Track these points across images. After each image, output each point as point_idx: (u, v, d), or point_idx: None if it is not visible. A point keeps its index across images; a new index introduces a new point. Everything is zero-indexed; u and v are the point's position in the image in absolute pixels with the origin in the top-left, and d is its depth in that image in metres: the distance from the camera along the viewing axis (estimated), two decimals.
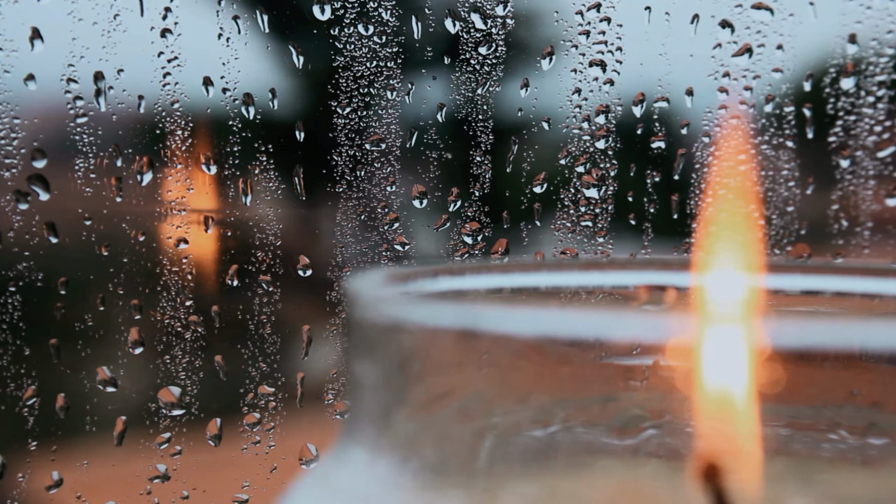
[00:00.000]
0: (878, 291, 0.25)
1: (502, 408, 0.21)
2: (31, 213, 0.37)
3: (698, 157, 0.41)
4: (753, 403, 0.19)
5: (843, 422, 0.22)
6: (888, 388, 0.22)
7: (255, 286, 0.41)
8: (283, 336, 0.41)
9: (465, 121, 0.41)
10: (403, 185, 0.41)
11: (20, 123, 0.37)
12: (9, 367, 0.38)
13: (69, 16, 0.37)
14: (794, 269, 0.26)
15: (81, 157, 0.38)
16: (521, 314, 0.18)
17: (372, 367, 0.20)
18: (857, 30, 0.39)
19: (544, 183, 0.41)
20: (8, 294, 0.38)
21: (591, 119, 0.41)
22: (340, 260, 0.41)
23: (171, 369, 0.40)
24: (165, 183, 0.40)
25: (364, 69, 0.40)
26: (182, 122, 0.39)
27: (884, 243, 0.40)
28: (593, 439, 0.22)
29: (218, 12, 0.39)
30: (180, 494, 0.41)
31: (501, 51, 0.40)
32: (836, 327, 0.17)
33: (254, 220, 0.41)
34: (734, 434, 0.19)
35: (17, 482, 0.39)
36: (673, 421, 0.21)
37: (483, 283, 0.25)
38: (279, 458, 0.42)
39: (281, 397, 0.41)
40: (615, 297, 0.27)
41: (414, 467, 0.19)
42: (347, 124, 0.40)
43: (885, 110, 0.39)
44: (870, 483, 0.21)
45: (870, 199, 0.40)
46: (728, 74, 0.40)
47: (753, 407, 0.19)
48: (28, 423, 0.39)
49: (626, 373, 0.20)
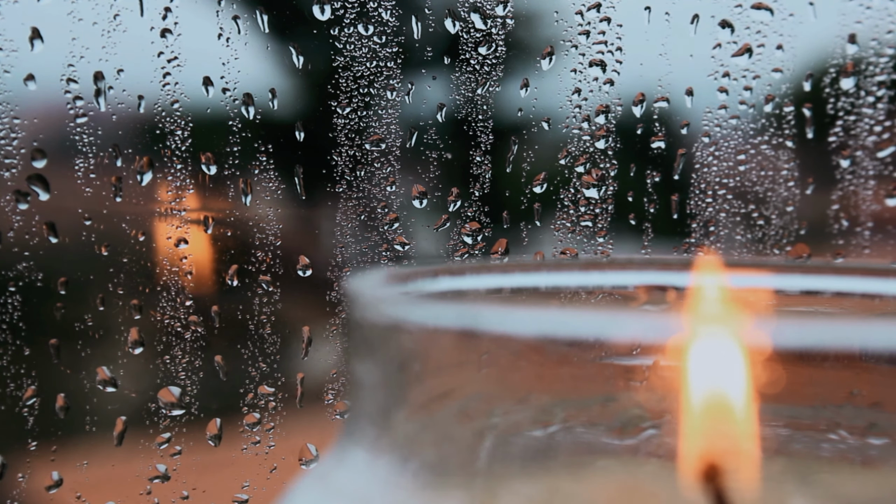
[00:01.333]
0: (878, 291, 0.25)
1: (502, 408, 0.21)
2: (31, 213, 0.37)
3: (698, 157, 0.41)
4: (753, 403, 0.19)
5: (843, 422, 0.22)
6: (888, 388, 0.22)
7: (255, 286, 0.41)
8: (283, 336, 0.41)
9: (465, 121, 0.41)
10: (403, 185, 0.41)
11: (20, 123, 0.37)
12: (9, 367, 0.38)
13: (69, 16, 0.37)
14: (794, 270, 0.26)
15: (81, 157, 0.38)
16: (521, 314, 0.18)
17: (372, 368, 0.20)
18: (857, 30, 0.39)
19: (544, 183, 0.41)
20: (8, 294, 0.38)
21: (591, 119, 0.41)
22: (340, 260, 0.41)
23: (171, 369, 0.40)
24: (165, 183, 0.40)
25: (364, 69, 0.40)
26: (182, 122, 0.39)
27: (884, 243, 0.40)
28: (593, 439, 0.22)
29: (218, 12, 0.39)
30: (180, 494, 0.41)
31: (501, 51, 0.40)
32: (836, 327, 0.17)
33: (254, 220, 0.41)
34: (734, 434, 0.19)
35: (17, 482, 0.39)
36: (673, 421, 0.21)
37: (483, 283, 0.25)
38: (279, 459, 0.42)
39: (281, 397, 0.41)
40: (615, 297, 0.27)
41: (414, 467, 0.19)
42: (347, 124, 0.40)
43: (885, 110, 0.39)
44: (870, 483, 0.21)
45: (870, 199, 0.40)
46: (728, 74, 0.40)
47: (753, 407, 0.19)
48: (28, 423, 0.39)
49: (625, 373, 0.20)
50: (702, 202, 0.41)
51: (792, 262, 0.38)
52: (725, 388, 0.18)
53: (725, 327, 0.17)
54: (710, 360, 0.18)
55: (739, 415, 0.19)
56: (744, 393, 0.18)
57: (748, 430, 0.19)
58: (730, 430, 0.19)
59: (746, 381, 0.18)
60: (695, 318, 0.17)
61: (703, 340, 0.17)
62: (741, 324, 0.17)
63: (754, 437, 0.19)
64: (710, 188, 0.41)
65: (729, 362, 0.18)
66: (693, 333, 0.17)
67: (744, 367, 0.18)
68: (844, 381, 0.22)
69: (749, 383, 0.18)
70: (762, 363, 0.17)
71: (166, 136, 0.39)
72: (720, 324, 0.17)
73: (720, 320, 0.18)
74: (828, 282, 0.26)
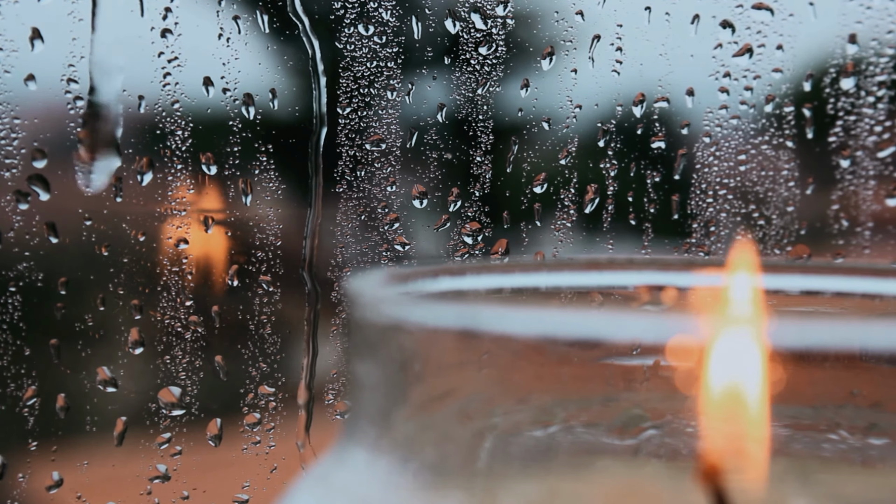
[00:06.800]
0: (878, 292, 0.25)
1: (502, 408, 0.21)
2: (31, 213, 0.37)
3: (699, 157, 0.41)
4: (753, 403, 0.19)
5: (844, 422, 0.22)
6: (888, 389, 0.22)
7: (255, 286, 0.41)
8: (283, 336, 0.41)
9: (466, 121, 0.41)
10: (403, 185, 0.41)
11: (20, 123, 0.37)
12: (9, 367, 0.38)
13: (69, 16, 0.37)
14: (795, 270, 0.26)
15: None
16: (522, 314, 0.18)
17: (372, 368, 0.20)
18: (857, 30, 0.39)
19: (544, 183, 0.41)
20: (8, 294, 0.38)
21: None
22: (340, 260, 0.41)
23: (171, 369, 0.40)
24: (165, 183, 0.40)
25: (364, 69, 0.40)
26: (182, 122, 0.39)
27: (884, 243, 0.40)
28: (594, 439, 0.22)
29: (218, 12, 0.39)
30: (180, 495, 0.41)
31: (502, 51, 0.40)
32: (836, 327, 0.17)
33: (254, 220, 0.41)
34: (734, 434, 0.19)
35: (18, 482, 0.39)
36: (673, 421, 0.21)
37: (483, 283, 0.25)
38: (279, 459, 0.42)
39: (281, 397, 0.41)
40: (615, 297, 0.27)
41: (414, 467, 0.19)
42: (347, 124, 0.40)
43: (885, 110, 0.39)
44: (870, 483, 0.21)
45: (870, 199, 0.40)
46: (728, 74, 0.40)
47: (753, 407, 0.19)
48: (28, 423, 0.39)
49: (626, 373, 0.20)
50: (702, 202, 0.41)
51: (792, 263, 0.38)
52: (726, 388, 0.18)
53: (725, 327, 0.17)
54: (710, 360, 0.18)
55: (740, 415, 0.19)
56: (744, 393, 0.18)
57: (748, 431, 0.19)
58: (730, 431, 0.19)
59: (747, 381, 0.18)
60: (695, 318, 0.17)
61: (703, 341, 0.17)
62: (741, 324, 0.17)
63: (755, 437, 0.19)
64: (710, 188, 0.41)
65: (729, 362, 0.18)
66: (693, 334, 0.17)
67: (744, 367, 0.18)
68: (845, 382, 0.22)
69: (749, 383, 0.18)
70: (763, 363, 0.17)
71: (166, 136, 0.39)
72: (720, 324, 0.17)
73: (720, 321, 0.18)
74: (828, 282, 0.26)
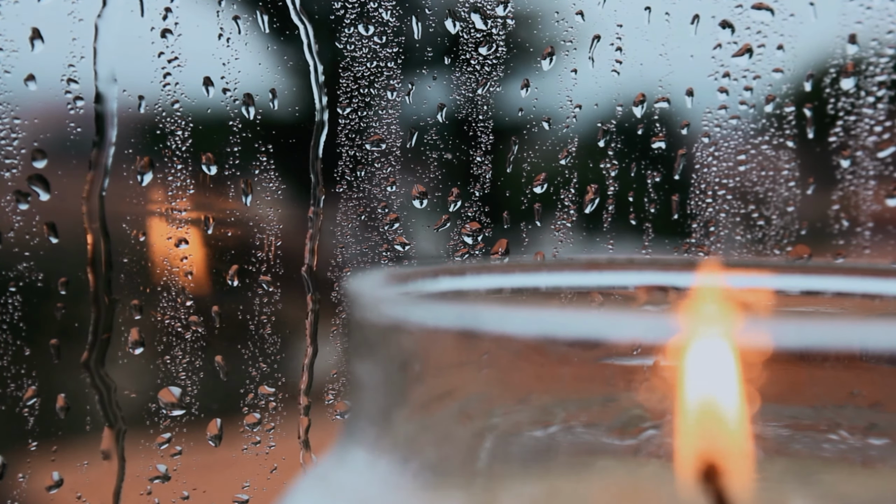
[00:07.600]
0: (878, 292, 0.25)
1: (502, 408, 0.21)
2: (31, 213, 0.37)
3: (698, 157, 0.41)
4: (754, 404, 0.19)
5: (844, 422, 0.22)
6: (888, 389, 0.22)
7: (255, 286, 0.41)
8: (283, 336, 0.41)
9: (466, 121, 0.41)
10: (403, 185, 0.41)
11: (20, 123, 0.37)
12: (9, 367, 0.38)
13: (69, 16, 0.37)
14: (795, 270, 0.26)
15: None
16: (522, 314, 0.18)
17: (372, 368, 0.20)
18: (858, 30, 0.39)
19: (544, 183, 0.41)
20: (8, 294, 0.38)
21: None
22: (340, 260, 0.41)
23: (171, 369, 0.40)
24: (166, 183, 0.40)
25: (364, 69, 0.40)
26: (182, 123, 0.39)
27: (884, 243, 0.40)
28: (593, 439, 0.22)
29: (218, 12, 0.39)
30: (180, 495, 0.41)
31: (502, 51, 0.40)
32: (836, 327, 0.17)
33: (254, 220, 0.41)
34: (734, 434, 0.19)
35: (18, 482, 0.39)
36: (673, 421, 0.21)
37: (483, 283, 0.25)
38: (279, 459, 0.42)
39: (281, 397, 0.41)
40: (615, 297, 0.27)
41: (414, 467, 0.19)
42: (347, 124, 0.40)
43: (885, 110, 0.39)
44: (870, 483, 0.21)
45: (870, 199, 0.40)
46: (728, 75, 0.40)
47: (754, 407, 0.19)
48: (28, 423, 0.39)
49: (626, 373, 0.20)
50: (702, 202, 0.41)
51: (792, 263, 0.38)
52: (726, 388, 0.18)
53: (726, 327, 0.17)
54: (711, 360, 0.18)
55: (740, 415, 0.19)
56: (744, 393, 0.18)
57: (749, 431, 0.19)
58: (730, 431, 0.19)
59: (747, 381, 0.18)
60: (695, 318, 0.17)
61: (703, 341, 0.17)
62: (742, 324, 0.17)
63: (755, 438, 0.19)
64: (710, 188, 0.41)
65: (729, 362, 0.18)
66: (693, 334, 0.17)
67: (744, 367, 0.18)
68: (845, 382, 0.22)
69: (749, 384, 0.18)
70: (762, 363, 0.17)
71: (166, 136, 0.39)
72: (721, 324, 0.17)
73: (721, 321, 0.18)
74: (828, 282, 0.26)
